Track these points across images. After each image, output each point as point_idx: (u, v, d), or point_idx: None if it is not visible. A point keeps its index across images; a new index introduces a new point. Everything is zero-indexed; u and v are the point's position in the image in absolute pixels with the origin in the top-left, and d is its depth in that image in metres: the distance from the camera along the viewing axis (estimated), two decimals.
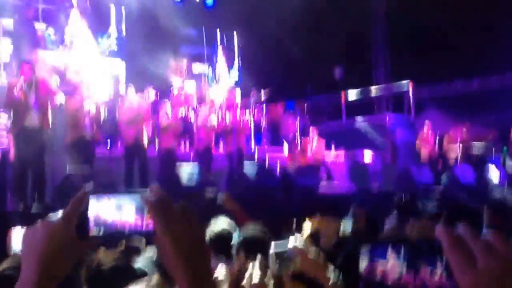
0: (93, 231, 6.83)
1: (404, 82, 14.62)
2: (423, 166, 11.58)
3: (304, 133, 12.16)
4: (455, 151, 12.05)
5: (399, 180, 10.62)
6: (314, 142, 11.65)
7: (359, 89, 15.54)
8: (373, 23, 16.54)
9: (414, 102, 14.40)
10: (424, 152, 12.21)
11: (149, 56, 12.34)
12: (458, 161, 11.86)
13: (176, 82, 12.78)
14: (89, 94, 8.92)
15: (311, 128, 12.08)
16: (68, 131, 8.62)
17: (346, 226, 4.89)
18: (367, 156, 12.45)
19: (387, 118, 13.98)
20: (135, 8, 12.87)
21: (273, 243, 2.33)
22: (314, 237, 3.73)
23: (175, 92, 12.04)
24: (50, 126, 7.69)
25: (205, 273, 1.01)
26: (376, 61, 16.62)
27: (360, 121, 14.32)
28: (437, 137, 12.34)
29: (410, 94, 14.40)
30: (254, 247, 2.85)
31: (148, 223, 6.97)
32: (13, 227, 5.34)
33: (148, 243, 4.20)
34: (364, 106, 15.23)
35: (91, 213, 6.82)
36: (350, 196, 10.00)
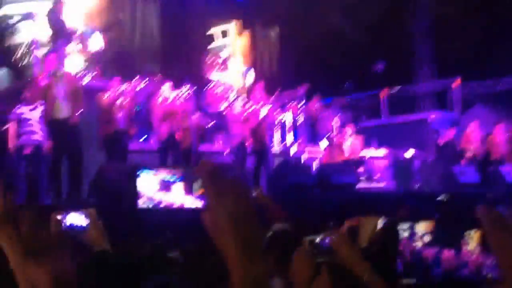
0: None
1: (449, 78, 14.41)
2: (468, 166, 11.42)
3: (343, 130, 12.10)
4: (502, 149, 11.83)
5: (442, 179, 10.50)
6: (353, 140, 11.59)
7: (401, 85, 15.38)
8: (416, 16, 16.33)
9: (459, 99, 14.18)
10: (470, 151, 12.02)
11: (184, 49, 12.46)
12: (506, 160, 11.65)
13: (212, 76, 12.89)
14: (123, 89, 9.10)
15: (349, 125, 12.02)
16: (101, 125, 8.82)
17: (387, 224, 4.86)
18: (409, 154, 12.33)
19: (431, 116, 13.81)
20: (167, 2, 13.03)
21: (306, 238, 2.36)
22: (351, 233, 3.74)
23: (211, 87, 12.14)
24: (80, 118, 7.86)
25: (257, 247, 1.00)
26: (419, 55, 16.40)
27: (402, 119, 14.18)
28: (484, 136, 12.13)
29: (456, 91, 14.19)
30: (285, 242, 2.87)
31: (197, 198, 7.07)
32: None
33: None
34: (406, 103, 15.06)
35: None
36: (390, 195, 9.94)
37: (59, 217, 2.71)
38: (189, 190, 7.14)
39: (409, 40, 16.28)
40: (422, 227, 5.94)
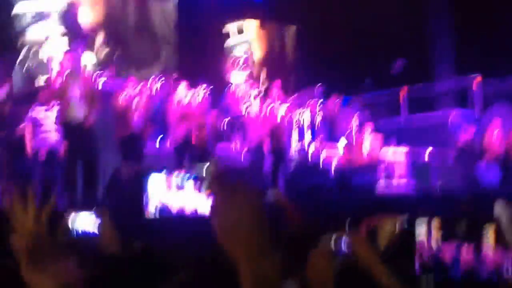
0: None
1: (470, 75, 14.24)
2: (489, 165, 11.26)
3: (361, 129, 12.01)
4: None
5: (462, 179, 10.38)
6: (371, 139, 11.50)
7: (420, 83, 15.22)
8: (435, 11, 16.15)
9: (480, 97, 14.01)
10: (491, 150, 11.85)
11: (201, 50, 12.46)
12: None
13: (229, 75, 12.88)
14: (137, 90, 9.12)
15: (368, 124, 11.92)
16: (116, 126, 8.83)
17: (404, 225, 4.79)
18: (429, 154, 12.20)
19: (451, 115, 13.65)
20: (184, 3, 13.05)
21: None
22: (370, 234, 3.69)
23: (229, 87, 12.13)
24: (95, 120, 7.88)
25: (266, 249, 1.00)
26: (439, 52, 16.22)
27: (421, 117, 14.04)
28: (505, 134, 11.95)
29: (476, 88, 14.02)
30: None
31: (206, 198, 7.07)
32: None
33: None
34: (425, 101, 14.91)
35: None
36: (409, 195, 9.84)
37: (70, 218, 2.70)
38: (201, 190, 7.13)
39: (428, 36, 16.12)
40: (441, 226, 5.87)
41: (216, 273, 2.36)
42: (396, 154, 12.10)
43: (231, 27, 14.63)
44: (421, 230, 5.30)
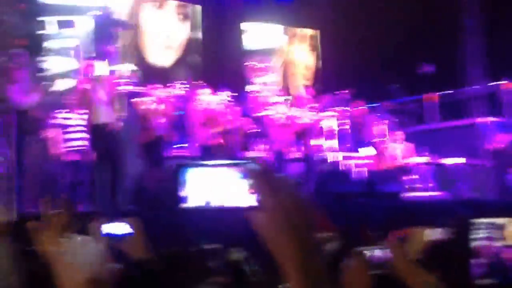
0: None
1: (500, 81, 14.07)
2: None
3: (389, 136, 11.93)
4: None
5: (495, 187, 10.26)
6: (400, 146, 11.41)
7: (450, 88, 15.07)
8: (466, 13, 15.97)
9: (511, 102, 13.83)
10: None
11: (224, 53, 12.49)
12: None
13: (254, 80, 12.89)
14: (162, 94, 9.18)
15: (396, 131, 11.83)
16: (140, 131, 8.91)
17: (436, 236, 4.74)
18: (459, 161, 12.06)
19: (481, 121, 13.49)
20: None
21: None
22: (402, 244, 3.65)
23: (252, 91, 12.14)
24: (122, 124, 7.96)
25: (313, 246, 0.99)
26: (469, 57, 16.03)
27: (450, 124, 13.90)
28: None
29: (507, 94, 13.84)
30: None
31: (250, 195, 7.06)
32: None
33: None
34: (455, 107, 14.75)
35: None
36: (439, 203, 9.74)
37: (99, 224, 2.71)
38: (240, 187, 7.15)
39: (459, 39, 15.94)
40: (502, 226, 5.80)
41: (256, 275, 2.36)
42: (424, 162, 11.99)
43: (255, 32, 14.66)
44: (478, 234, 5.23)
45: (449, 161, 12.00)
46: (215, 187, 7.42)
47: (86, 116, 7.99)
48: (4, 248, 2.71)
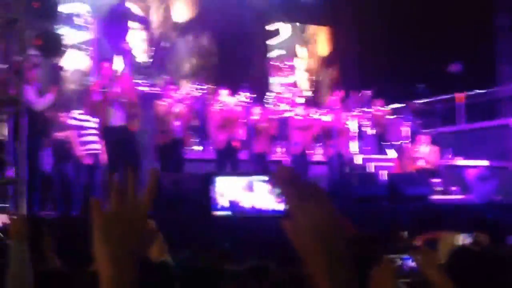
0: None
1: None
2: None
3: (415, 138, 11.85)
4: None
5: None
6: (426, 148, 11.34)
7: (480, 88, 14.94)
8: (497, 12, 15.82)
9: None
10: None
11: (242, 54, 12.51)
12: None
13: (273, 81, 12.91)
14: (179, 96, 9.23)
15: (422, 132, 11.75)
16: (157, 133, 8.97)
17: (464, 240, 4.72)
18: (488, 164, 11.95)
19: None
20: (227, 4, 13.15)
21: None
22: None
23: (272, 92, 12.15)
24: (138, 126, 8.02)
25: (342, 252, 1.00)
26: (501, 54, 15.86)
27: (480, 125, 13.78)
28: None
29: None
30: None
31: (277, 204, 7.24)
32: None
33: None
34: (485, 107, 14.62)
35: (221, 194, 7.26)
36: (468, 207, 9.66)
37: None
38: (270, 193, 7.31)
39: (490, 37, 15.79)
40: None
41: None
42: (453, 164, 11.91)
43: (275, 31, 14.67)
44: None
45: (477, 163, 11.90)
46: (243, 195, 7.56)
47: (101, 118, 8.06)
48: (22, 253, 2.75)
